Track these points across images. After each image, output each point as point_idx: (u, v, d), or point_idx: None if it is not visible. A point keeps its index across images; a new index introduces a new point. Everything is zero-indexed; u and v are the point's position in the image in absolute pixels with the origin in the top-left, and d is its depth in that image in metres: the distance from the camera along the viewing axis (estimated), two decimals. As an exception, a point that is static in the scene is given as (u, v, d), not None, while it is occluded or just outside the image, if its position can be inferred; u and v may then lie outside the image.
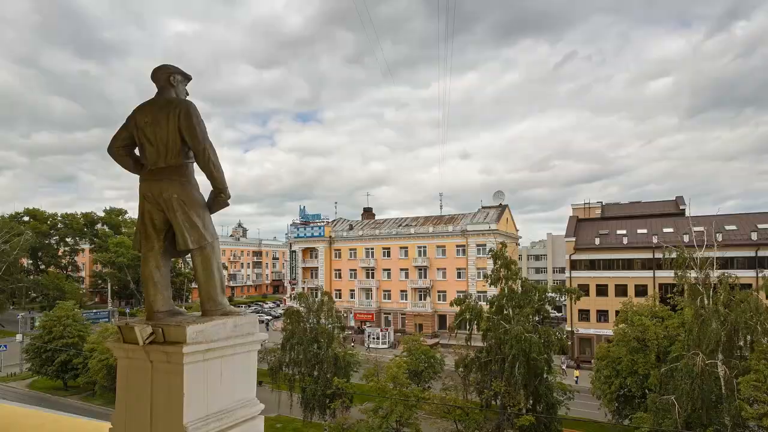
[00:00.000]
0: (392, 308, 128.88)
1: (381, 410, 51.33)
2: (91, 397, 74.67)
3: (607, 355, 58.46)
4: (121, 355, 6.11)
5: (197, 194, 6.60)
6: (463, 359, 57.25)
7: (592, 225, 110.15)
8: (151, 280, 6.49)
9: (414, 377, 60.60)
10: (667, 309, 59.75)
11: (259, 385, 54.65)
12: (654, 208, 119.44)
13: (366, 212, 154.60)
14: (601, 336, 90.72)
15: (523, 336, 50.13)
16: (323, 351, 62.17)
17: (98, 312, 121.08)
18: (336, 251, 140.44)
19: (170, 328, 5.81)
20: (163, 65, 6.84)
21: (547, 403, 53.12)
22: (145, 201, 6.52)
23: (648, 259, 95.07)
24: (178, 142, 6.41)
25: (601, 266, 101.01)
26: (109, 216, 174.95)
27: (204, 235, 6.48)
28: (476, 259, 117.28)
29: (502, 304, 56.20)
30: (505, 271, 56.74)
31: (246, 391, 6.44)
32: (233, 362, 6.25)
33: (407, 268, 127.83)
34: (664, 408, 44.48)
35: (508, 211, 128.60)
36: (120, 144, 6.74)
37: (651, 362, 53.56)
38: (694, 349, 44.18)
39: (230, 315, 6.40)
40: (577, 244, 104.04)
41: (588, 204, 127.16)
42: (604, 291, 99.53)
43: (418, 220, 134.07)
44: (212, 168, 6.39)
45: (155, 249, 6.56)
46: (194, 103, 6.54)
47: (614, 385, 56.25)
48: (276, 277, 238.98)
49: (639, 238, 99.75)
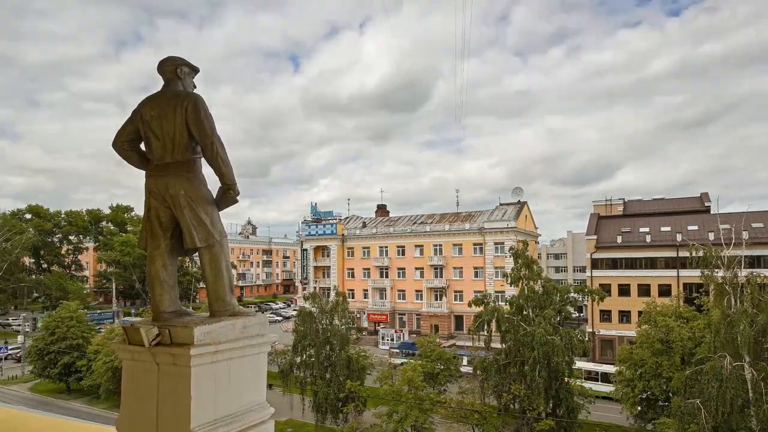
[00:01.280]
0: (407, 309, 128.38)
1: (395, 414, 51.38)
2: (95, 400, 74.77)
3: (630, 358, 58.23)
4: (127, 357, 6.10)
5: (205, 190, 6.57)
6: (481, 361, 57.19)
7: (613, 222, 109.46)
8: (158, 279, 6.45)
9: (430, 380, 60.59)
10: (692, 310, 59.53)
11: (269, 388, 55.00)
12: (678, 204, 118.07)
13: (380, 209, 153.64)
14: (623, 337, 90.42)
15: (545, 338, 50.04)
16: (336, 353, 62.19)
17: (103, 313, 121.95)
18: (349, 250, 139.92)
19: (177, 329, 5.79)
20: (169, 57, 6.80)
21: (567, 407, 53.01)
22: (151, 197, 6.48)
23: (672, 258, 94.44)
24: (185, 137, 6.37)
25: (624, 265, 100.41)
26: (114, 213, 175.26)
27: (212, 232, 6.43)
28: (494, 257, 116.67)
29: (521, 305, 56.10)
30: (526, 271, 56.64)
31: (255, 395, 6.41)
32: (242, 364, 6.22)
33: (422, 267, 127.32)
34: (689, 412, 44.23)
35: (527, 208, 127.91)
36: (125, 138, 6.71)
37: (675, 365, 53.35)
38: (720, 352, 43.94)
39: (239, 316, 6.36)
40: (599, 243, 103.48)
41: (610, 201, 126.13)
42: (626, 291, 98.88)
43: (434, 218, 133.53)
44: (220, 163, 6.34)
45: (162, 247, 6.53)
46: (202, 97, 6.52)
47: (637, 389, 56.07)
48: (287, 277, 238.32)
49: (663, 236, 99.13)
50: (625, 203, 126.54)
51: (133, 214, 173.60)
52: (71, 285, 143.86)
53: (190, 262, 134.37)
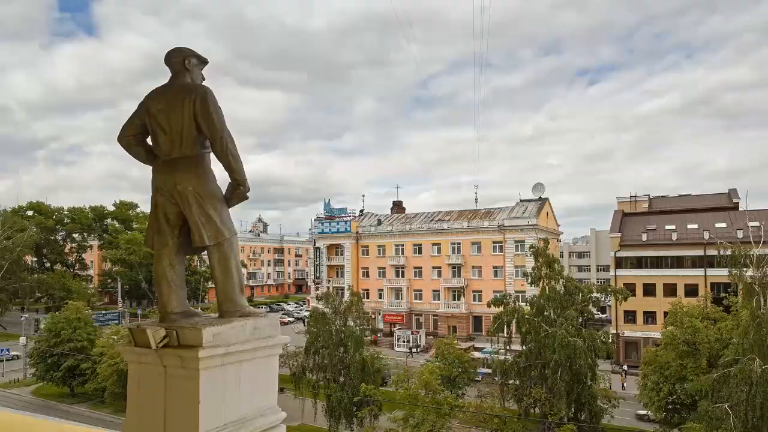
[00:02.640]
0: (424, 309, 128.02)
1: (412, 419, 51.24)
2: (100, 404, 74.55)
3: (655, 360, 58.04)
4: (133, 359, 6.10)
5: (214, 186, 6.54)
6: (500, 364, 57.14)
7: (638, 220, 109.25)
8: (165, 279, 6.43)
9: (447, 383, 60.51)
10: (720, 310, 59.27)
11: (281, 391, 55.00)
12: (705, 201, 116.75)
13: (396, 206, 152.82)
14: (648, 339, 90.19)
15: (567, 340, 49.94)
16: (350, 355, 62.16)
17: (108, 313, 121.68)
18: (363, 248, 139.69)
19: (185, 330, 5.78)
20: (177, 48, 6.77)
21: (590, 412, 52.96)
22: (158, 194, 6.47)
23: (699, 257, 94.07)
24: (193, 131, 6.33)
25: (649, 264, 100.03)
26: (119, 210, 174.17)
27: (221, 230, 6.40)
28: (514, 256, 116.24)
29: (542, 305, 56.03)
30: (547, 270, 56.56)
31: (266, 399, 6.40)
32: (253, 367, 6.21)
33: (440, 266, 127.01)
34: (717, 417, 44.03)
35: (549, 205, 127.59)
36: (131, 133, 6.69)
37: (701, 367, 53.13)
38: (749, 354, 43.71)
39: (250, 316, 6.33)
40: (623, 241, 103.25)
41: (634, 197, 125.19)
42: (651, 291, 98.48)
43: (452, 215, 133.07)
44: (230, 158, 6.31)
45: (169, 246, 6.51)
46: (211, 89, 6.49)
47: (662, 392, 55.82)
48: (299, 276, 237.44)
49: (689, 234, 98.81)
50: (651, 200, 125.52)
51: (139, 210, 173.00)
52: (75, 285, 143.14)
53: (198, 260, 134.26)
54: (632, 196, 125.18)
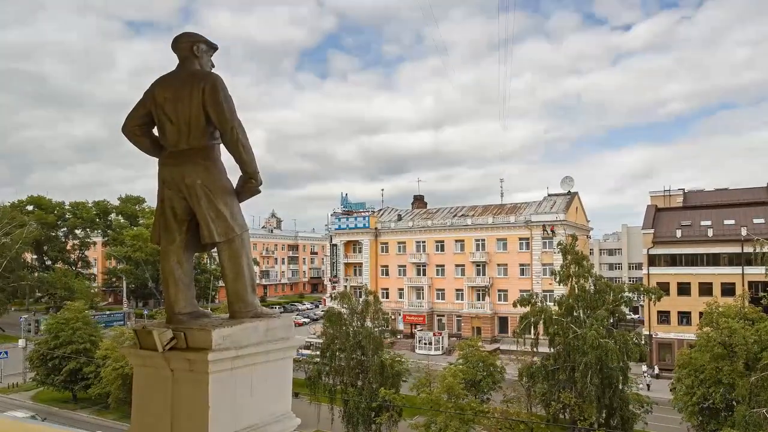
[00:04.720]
0: (446, 309, 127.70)
1: (434, 425, 51.26)
2: (104, 410, 74.56)
3: (689, 363, 57.78)
4: (138, 362, 6.10)
5: (224, 180, 6.52)
6: (527, 367, 57.05)
7: (672, 215, 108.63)
8: (172, 277, 6.43)
9: (471, 388, 60.43)
10: (759, 311, 58.99)
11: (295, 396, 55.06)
12: (742, 195, 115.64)
13: (417, 200, 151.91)
14: (683, 341, 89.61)
15: (598, 341, 49.79)
16: (368, 358, 62.12)
17: (112, 314, 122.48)
18: (383, 245, 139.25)
19: (193, 332, 5.77)
20: (185, 33, 6.76)
21: (621, 417, 52.82)
22: (165, 187, 6.46)
23: (736, 254, 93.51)
24: (202, 121, 6.31)
25: (683, 261, 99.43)
26: (124, 205, 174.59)
27: (232, 226, 6.38)
28: (542, 253, 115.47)
29: (571, 305, 55.90)
30: (576, 268, 56.42)
31: (280, 404, 6.40)
32: (265, 371, 6.20)
33: (463, 264, 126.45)
34: (755, 423, 43.88)
35: (578, 199, 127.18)
36: (136, 123, 6.68)
37: (738, 370, 52.86)
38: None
39: (262, 317, 6.33)
40: (656, 237, 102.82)
41: (668, 191, 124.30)
42: (686, 290, 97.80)
43: (476, 210, 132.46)
44: (241, 150, 6.30)
45: (176, 242, 6.50)
46: (221, 77, 6.45)
47: (696, 396, 55.52)
48: (315, 275, 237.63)
49: (726, 230, 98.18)
50: (685, 194, 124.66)
51: (145, 205, 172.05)
52: (77, 283, 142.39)
53: (208, 258, 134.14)
54: (666, 191, 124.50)
